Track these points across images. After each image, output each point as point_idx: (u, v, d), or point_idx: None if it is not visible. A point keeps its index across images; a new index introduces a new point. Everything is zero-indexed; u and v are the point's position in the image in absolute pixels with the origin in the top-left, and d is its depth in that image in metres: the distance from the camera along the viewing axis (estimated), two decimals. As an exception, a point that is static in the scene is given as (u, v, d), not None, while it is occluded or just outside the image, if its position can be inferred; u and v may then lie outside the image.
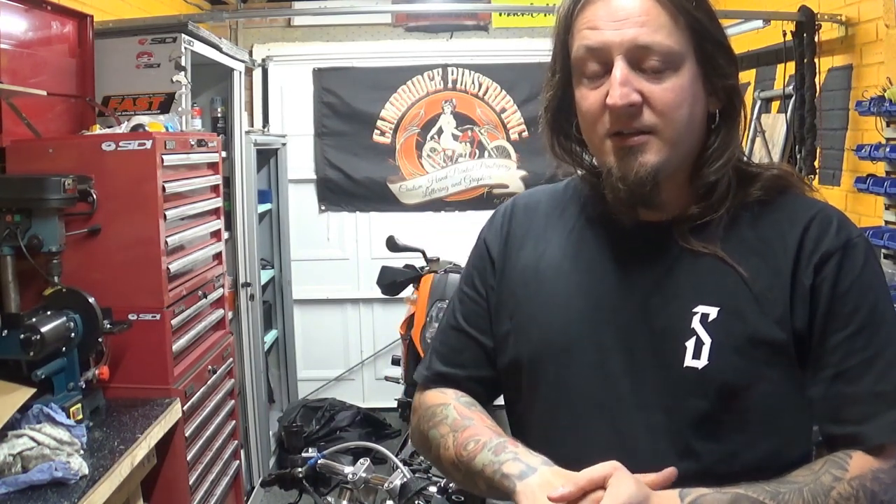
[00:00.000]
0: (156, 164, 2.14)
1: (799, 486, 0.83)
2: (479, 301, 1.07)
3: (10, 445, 1.64)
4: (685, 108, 0.90)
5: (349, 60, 4.58)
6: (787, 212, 0.94)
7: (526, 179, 4.59)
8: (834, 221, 0.92)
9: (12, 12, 2.18)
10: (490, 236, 1.11)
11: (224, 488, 2.52)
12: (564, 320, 0.98)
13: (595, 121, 0.93)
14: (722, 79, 0.93)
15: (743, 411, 0.90)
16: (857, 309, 0.89)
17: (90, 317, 1.96)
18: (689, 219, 0.95)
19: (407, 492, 1.53)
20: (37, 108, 2.25)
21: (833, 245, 0.90)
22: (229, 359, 2.69)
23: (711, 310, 0.91)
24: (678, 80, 0.89)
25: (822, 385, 0.89)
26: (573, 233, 1.03)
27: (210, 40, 2.99)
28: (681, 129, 0.91)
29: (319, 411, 4.21)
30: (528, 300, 1.02)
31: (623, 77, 0.88)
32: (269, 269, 4.23)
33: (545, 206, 1.09)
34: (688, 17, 0.90)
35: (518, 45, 4.54)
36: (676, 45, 0.89)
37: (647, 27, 0.88)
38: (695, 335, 0.90)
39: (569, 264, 1.01)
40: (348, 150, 4.59)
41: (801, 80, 2.88)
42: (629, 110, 0.89)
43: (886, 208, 2.46)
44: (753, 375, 0.89)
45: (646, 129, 0.90)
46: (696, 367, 0.89)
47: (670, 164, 0.92)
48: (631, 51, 0.88)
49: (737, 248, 0.93)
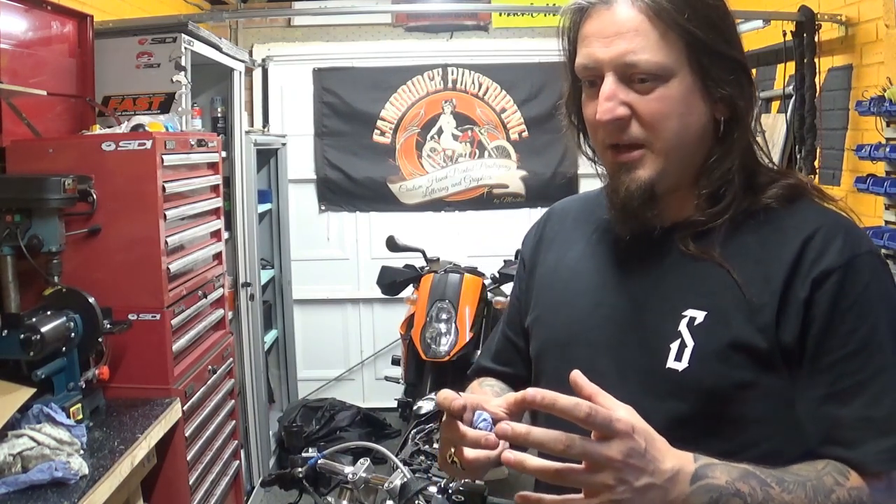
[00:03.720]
0: (156, 164, 2.14)
1: (802, 480, 0.83)
2: (516, 305, 1.16)
3: (10, 445, 1.64)
4: (674, 120, 0.91)
5: (349, 60, 4.58)
6: (794, 220, 0.93)
7: (526, 179, 4.60)
8: (840, 236, 0.89)
9: (12, 12, 2.18)
10: (526, 241, 1.18)
11: (224, 488, 2.52)
12: (567, 318, 1.03)
13: (595, 130, 0.97)
14: (721, 89, 0.92)
15: (721, 417, 0.89)
16: (856, 329, 0.86)
17: (90, 317, 1.96)
18: (692, 224, 0.96)
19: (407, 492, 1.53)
20: (37, 108, 2.25)
21: (835, 262, 0.87)
22: (229, 359, 2.69)
23: (699, 314, 0.91)
24: (667, 91, 0.90)
25: (812, 404, 0.88)
26: (593, 236, 1.07)
27: (210, 40, 2.99)
28: (672, 141, 0.92)
29: (319, 411, 4.22)
30: (546, 298, 1.08)
31: (609, 92, 0.90)
32: (269, 269, 4.23)
33: (575, 212, 1.14)
34: (680, 30, 0.90)
35: (518, 45, 4.54)
36: (665, 59, 0.90)
37: (634, 43, 0.89)
38: (679, 338, 0.91)
39: (582, 266, 1.05)
40: (348, 150, 4.60)
41: (801, 80, 2.89)
42: (617, 123, 0.91)
43: (886, 208, 2.46)
44: (733, 382, 0.88)
45: (636, 142, 0.92)
46: (677, 370, 0.90)
47: (667, 175, 0.93)
48: (619, 67, 0.90)
49: (735, 253, 0.92)
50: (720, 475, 0.79)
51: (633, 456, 0.74)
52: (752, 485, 0.80)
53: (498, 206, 4.63)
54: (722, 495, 0.78)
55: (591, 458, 0.73)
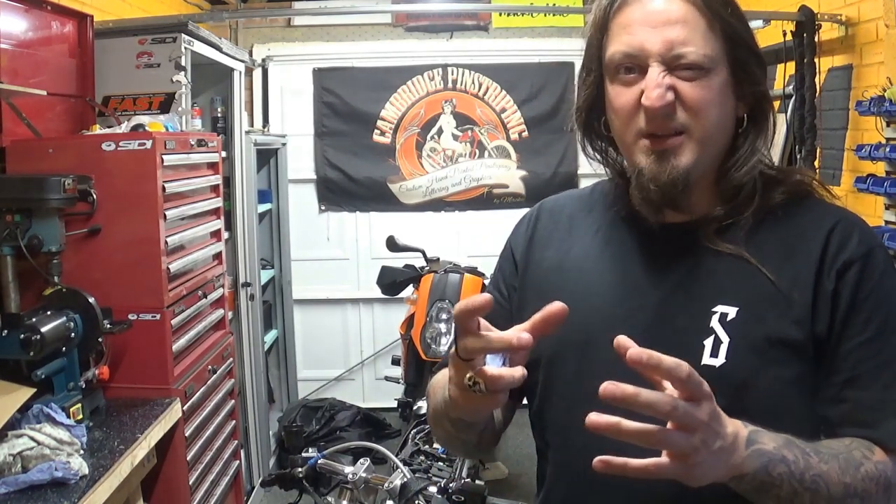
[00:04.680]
0: (156, 164, 2.14)
1: (835, 453, 0.85)
2: (501, 302, 1.09)
3: (10, 445, 1.64)
4: (716, 110, 0.92)
5: (349, 60, 4.58)
6: (810, 216, 0.95)
7: (526, 179, 4.60)
8: (856, 229, 0.94)
9: (12, 12, 2.18)
10: (515, 239, 1.14)
11: (224, 488, 2.52)
12: (585, 317, 0.98)
13: (629, 119, 0.94)
14: (752, 85, 0.95)
15: (759, 410, 0.89)
16: (873, 317, 0.90)
17: (90, 317, 1.96)
18: (714, 220, 0.96)
19: (407, 492, 1.53)
20: (37, 108, 2.25)
21: (856, 253, 0.91)
22: (229, 359, 2.69)
23: (731, 309, 0.92)
24: (710, 82, 0.91)
25: (834, 389, 0.91)
26: (599, 233, 1.05)
27: (210, 40, 3.00)
28: (711, 130, 0.93)
29: (319, 411, 4.22)
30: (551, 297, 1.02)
31: (659, 79, 0.90)
32: (269, 269, 4.23)
33: (571, 209, 1.11)
34: (723, 23, 0.91)
35: (518, 45, 4.54)
36: (711, 50, 0.91)
37: (683, 32, 0.90)
38: (713, 334, 0.91)
39: (592, 263, 1.03)
40: (348, 150, 4.60)
41: (801, 80, 2.89)
42: (665, 110, 0.90)
43: (886, 208, 2.46)
44: (771, 375, 0.90)
45: (679, 129, 0.92)
46: (714, 366, 0.90)
47: (701, 164, 0.93)
48: (667, 56, 0.90)
49: (760, 249, 0.94)
50: (768, 441, 0.81)
51: (714, 419, 0.75)
52: (795, 452, 0.82)
53: (498, 206, 4.63)
54: (770, 460, 0.80)
55: (690, 420, 0.73)
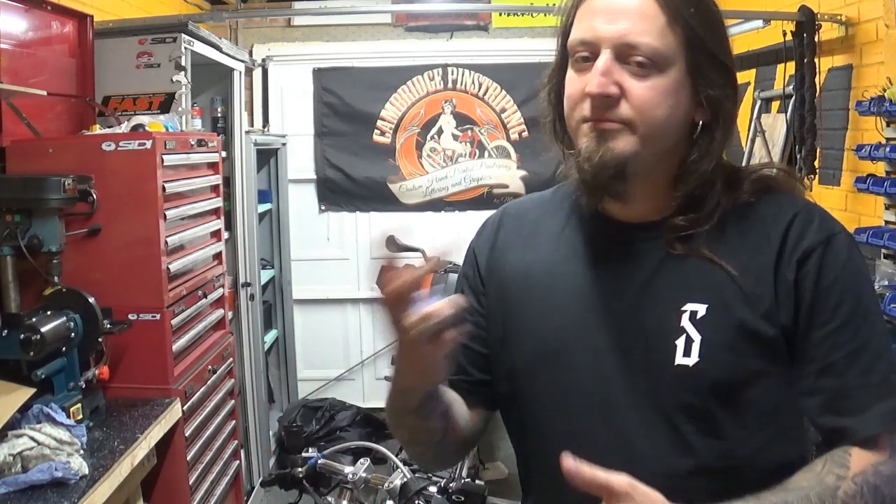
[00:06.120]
0: (156, 164, 2.14)
1: (805, 492, 0.83)
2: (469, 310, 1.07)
3: (10, 445, 1.64)
4: (663, 109, 0.91)
5: (349, 60, 4.58)
6: (770, 209, 0.95)
7: (526, 179, 4.59)
8: (816, 218, 0.93)
9: (12, 12, 2.18)
10: (478, 244, 1.12)
11: (224, 488, 2.52)
12: (557, 325, 0.99)
13: (575, 105, 0.94)
14: (709, 90, 0.93)
15: (737, 406, 0.90)
16: (841, 303, 0.89)
17: (90, 317, 1.96)
18: (675, 228, 0.95)
19: (407, 492, 1.53)
20: (37, 108, 2.25)
21: (815, 240, 0.91)
22: (229, 359, 2.69)
23: (700, 307, 0.91)
24: (661, 80, 0.90)
25: (809, 379, 0.90)
26: (563, 234, 1.04)
27: (210, 40, 2.99)
28: (656, 128, 0.91)
29: (319, 411, 4.22)
30: (520, 305, 1.03)
31: (604, 68, 0.89)
32: (269, 269, 4.23)
33: (534, 213, 1.10)
34: (684, 23, 0.90)
35: (518, 45, 4.54)
36: (665, 48, 0.90)
37: (639, 25, 0.89)
38: (684, 333, 0.91)
39: (559, 268, 1.02)
40: (348, 150, 4.59)
41: (801, 80, 2.88)
42: (605, 101, 0.90)
43: (886, 208, 2.46)
44: (744, 370, 0.90)
45: (622, 120, 0.91)
46: (688, 365, 0.90)
47: (640, 159, 0.92)
48: (618, 46, 0.89)
49: (722, 247, 0.93)
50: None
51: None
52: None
53: (498, 206, 4.55)
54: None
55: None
